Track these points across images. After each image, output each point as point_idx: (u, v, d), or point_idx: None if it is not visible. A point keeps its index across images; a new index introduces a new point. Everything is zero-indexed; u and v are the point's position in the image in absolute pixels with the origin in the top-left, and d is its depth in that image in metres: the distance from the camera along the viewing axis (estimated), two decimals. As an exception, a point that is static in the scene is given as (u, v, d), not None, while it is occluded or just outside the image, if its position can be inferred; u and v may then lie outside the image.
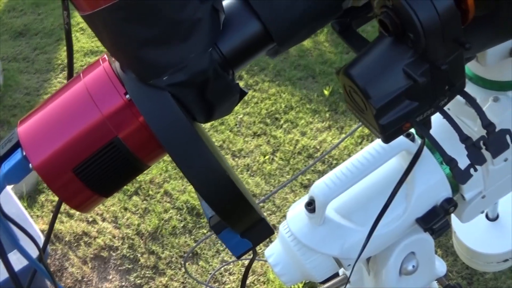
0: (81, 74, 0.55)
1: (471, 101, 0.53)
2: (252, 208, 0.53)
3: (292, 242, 0.85)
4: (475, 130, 0.82)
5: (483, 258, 1.13)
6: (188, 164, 0.49)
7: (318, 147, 2.30)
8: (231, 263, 1.81)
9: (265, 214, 2.01)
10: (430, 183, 0.85)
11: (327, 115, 2.38)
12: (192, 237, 1.87)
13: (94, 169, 0.54)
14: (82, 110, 0.52)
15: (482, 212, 0.94)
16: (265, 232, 0.59)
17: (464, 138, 0.52)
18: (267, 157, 2.21)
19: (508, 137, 0.53)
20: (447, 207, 0.85)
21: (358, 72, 0.51)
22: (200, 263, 1.80)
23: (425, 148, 0.86)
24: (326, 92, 2.43)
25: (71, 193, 0.56)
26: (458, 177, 0.52)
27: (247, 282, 1.79)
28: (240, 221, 0.55)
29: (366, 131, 2.34)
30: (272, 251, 0.92)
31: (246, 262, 1.85)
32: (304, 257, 0.85)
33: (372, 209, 0.87)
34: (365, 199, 0.87)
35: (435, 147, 0.52)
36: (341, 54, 2.63)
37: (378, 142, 0.86)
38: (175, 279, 1.79)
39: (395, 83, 0.50)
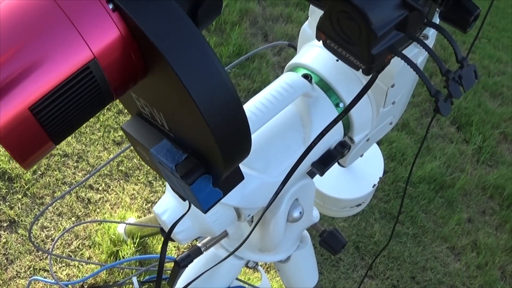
0: None
1: (445, 34, 0.53)
2: (250, 140, 0.45)
3: None
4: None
5: (338, 204, 1.12)
6: (197, 79, 0.39)
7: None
8: (71, 229, 1.65)
9: (80, 174, 1.86)
10: (326, 127, 0.84)
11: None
12: (7, 203, 1.65)
13: (57, 106, 0.40)
14: (47, 23, 0.38)
15: (361, 156, 0.97)
16: (236, 178, 0.52)
17: (445, 71, 0.52)
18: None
19: (473, 72, 0.54)
20: (342, 150, 0.86)
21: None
22: (19, 231, 1.60)
23: (320, 90, 0.85)
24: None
25: (21, 140, 0.40)
26: (442, 110, 0.51)
27: (72, 247, 1.65)
28: (236, 156, 0.46)
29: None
30: (164, 207, 0.84)
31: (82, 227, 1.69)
32: (204, 211, 0.79)
33: (271, 155, 0.84)
34: (263, 145, 0.84)
35: (423, 80, 0.51)
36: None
37: (278, 84, 0.82)
38: (-6, 251, 1.57)
39: (393, 12, 0.48)
